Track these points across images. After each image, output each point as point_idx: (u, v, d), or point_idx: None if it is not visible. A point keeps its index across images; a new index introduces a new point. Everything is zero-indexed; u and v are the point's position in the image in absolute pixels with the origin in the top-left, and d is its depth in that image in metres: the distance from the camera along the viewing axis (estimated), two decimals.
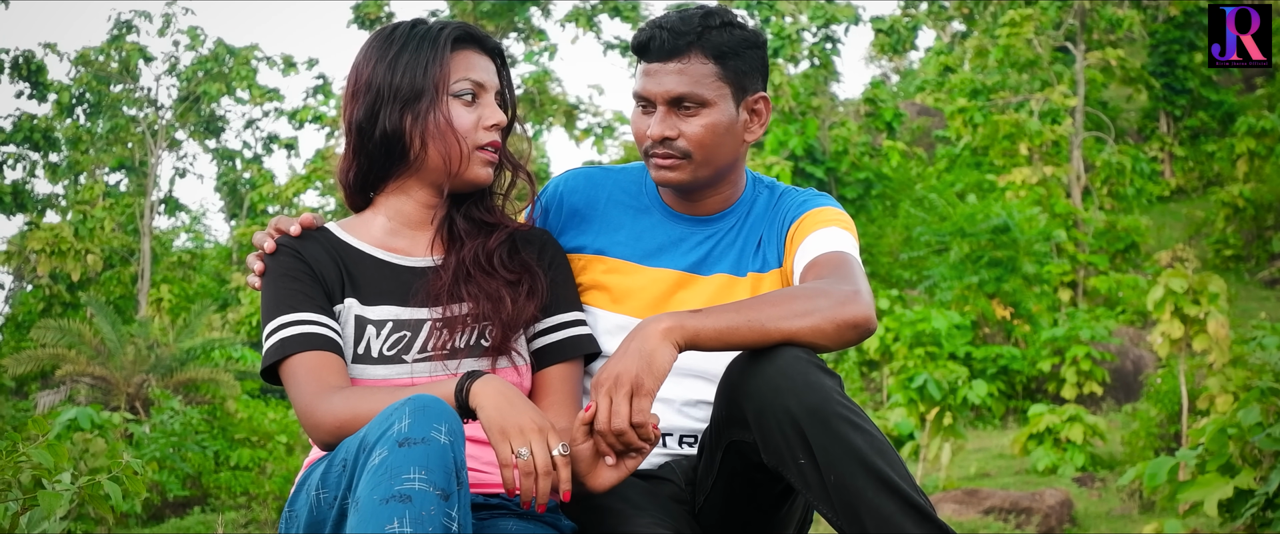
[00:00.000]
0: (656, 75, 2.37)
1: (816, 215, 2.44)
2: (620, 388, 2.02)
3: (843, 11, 28.65)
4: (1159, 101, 28.85)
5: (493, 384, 2.03)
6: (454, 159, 2.26)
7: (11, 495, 3.38)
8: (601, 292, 2.45)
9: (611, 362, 2.06)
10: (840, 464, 2.00)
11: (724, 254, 2.48)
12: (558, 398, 2.31)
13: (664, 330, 2.06)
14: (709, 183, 2.45)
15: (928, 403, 13.16)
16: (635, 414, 2.02)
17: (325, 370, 2.16)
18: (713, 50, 2.36)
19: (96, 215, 27.38)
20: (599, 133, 29.46)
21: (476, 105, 2.28)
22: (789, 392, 2.04)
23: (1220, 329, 12.37)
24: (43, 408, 16.14)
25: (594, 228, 2.51)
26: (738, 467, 2.19)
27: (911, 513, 1.99)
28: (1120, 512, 11.91)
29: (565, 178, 2.58)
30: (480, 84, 2.28)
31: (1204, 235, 25.03)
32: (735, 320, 2.09)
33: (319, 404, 2.12)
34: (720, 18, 2.38)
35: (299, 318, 2.20)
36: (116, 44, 29.35)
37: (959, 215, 20.74)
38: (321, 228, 2.34)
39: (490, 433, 2.00)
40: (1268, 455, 6.20)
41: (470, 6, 28.42)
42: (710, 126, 2.37)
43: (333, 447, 2.09)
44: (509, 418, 1.99)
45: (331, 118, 30.59)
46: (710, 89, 2.37)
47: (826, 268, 2.30)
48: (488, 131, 2.28)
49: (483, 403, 2.01)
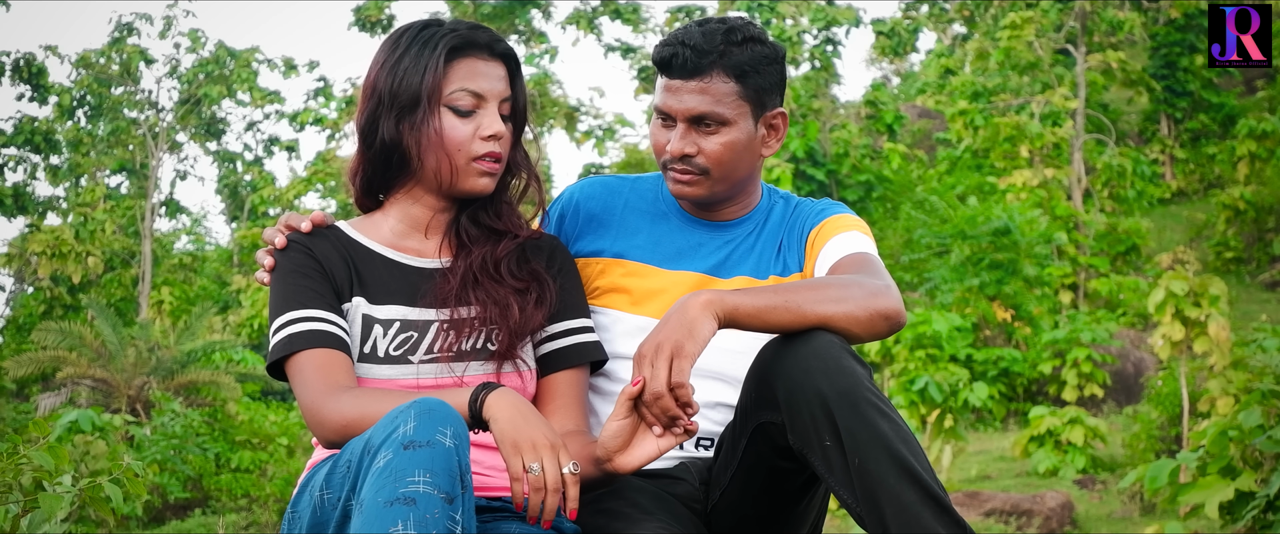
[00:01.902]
0: (678, 93, 2.38)
1: (836, 221, 2.47)
2: (661, 354, 2.03)
3: (843, 14, 28.66)
4: (1160, 104, 28.86)
5: (507, 397, 2.03)
6: (445, 173, 2.25)
7: (12, 498, 3.38)
8: (621, 294, 2.46)
9: (652, 333, 2.07)
10: (865, 449, 2.01)
11: (744, 257, 2.50)
12: (562, 403, 2.30)
13: (704, 302, 2.08)
14: (726, 196, 2.48)
15: (929, 405, 13.16)
16: (675, 374, 2.02)
17: (333, 369, 2.16)
18: (735, 69, 2.37)
19: (97, 218, 27.39)
20: (600, 135, 29.47)
21: (475, 116, 2.25)
22: (820, 374, 2.05)
23: (1221, 331, 12.38)
24: (43, 410, 16.14)
25: (612, 232, 2.52)
26: (762, 453, 2.19)
27: (931, 504, 2.00)
28: (1121, 514, 11.91)
29: (582, 185, 2.59)
30: (478, 94, 2.25)
31: (1205, 238, 25.02)
32: (773, 300, 2.11)
33: (326, 402, 2.11)
34: (742, 34, 2.38)
35: (308, 314, 2.20)
36: (117, 46, 29.36)
37: (960, 218, 20.74)
38: (332, 226, 2.33)
39: (503, 446, 2.00)
40: (1269, 458, 6.20)
41: (471, 9, 28.44)
42: (729, 144, 2.39)
43: (338, 446, 2.09)
44: (522, 432, 1.99)
45: (332, 120, 30.60)
46: (731, 108, 2.38)
47: (854, 266, 2.33)
48: (485, 142, 2.24)
49: (496, 415, 2.01)
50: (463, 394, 2.05)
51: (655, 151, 2.45)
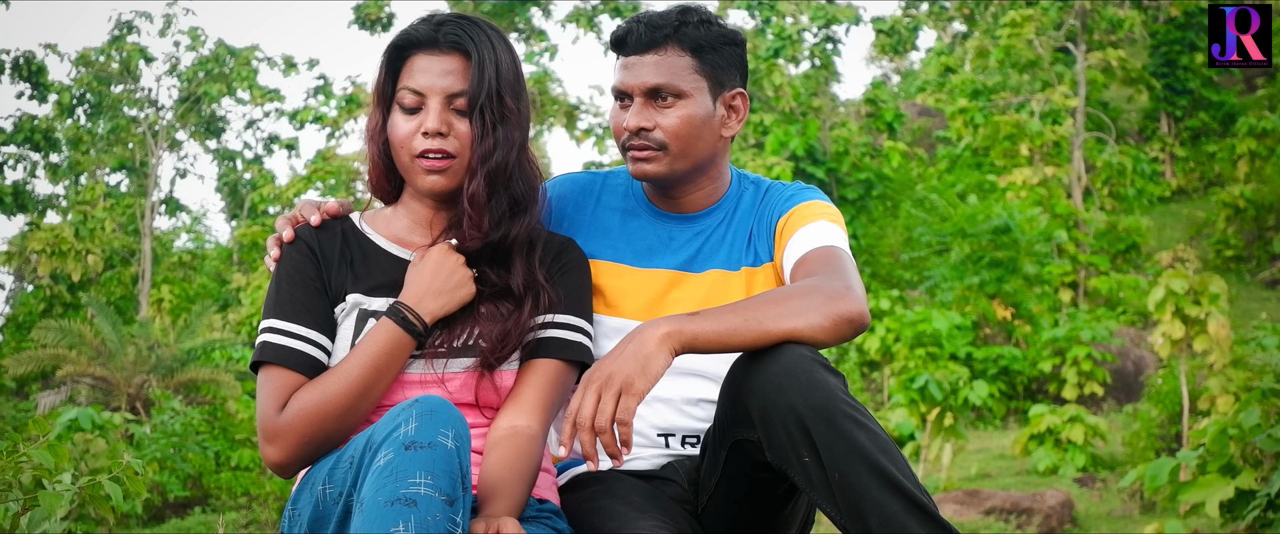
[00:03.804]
0: (633, 67, 2.39)
1: (803, 210, 2.44)
2: (610, 387, 2.01)
3: (843, 12, 28.64)
4: (1160, 102, 28.85)
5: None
6: (402, 169, 2.26)
7: (12, 496, 3.37)
8: (596, 296, 2.44)
9: (605, 360, 2.05)
10: (845, 462, 1.99)
11: (715, 250, 2.48)
12: (527, 391, 2.24)
13: (662, 336, 2.06)
14: (686, 177, 2.45)
15: (929, 403, 13.16)
16: (620, 411, 2.00)
17: (290, 392, 2.17)
18: (690, 43, 2.38)
19: (97, 216, 27.38)
20: (600, 133, 29.43)
21: (418, 113, 2.23)
22: (793, 390, 2.03)
23: (1221, 330, 12.37)
24: (43, 408, 16.15)
25: (584, 232, 2.50)
26: (742, 466, 2.18)
27: (915, 512, 1.98)
28: (1121, 512, 11.90)
29: (554, 183, 2.58)
30: (417, 91, 2.22)
31: (1205, 236, 25.02)
32: (733, 322, 2.08)
33: (274, 419, 2.14)
34: (697, 15, 2.40)
35: (287, 329, 2.21)
36: (117, 44, 29.35)
37: (960, 216, 20.74)
38: (345, 217, 2.34)
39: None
40: (1269, 456, 6.20)
41: (471, 6, 28.42)
42: (686, 118, 2.38)
43: (284, 468, 2.13)
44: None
45: (332, 118, 30.57)
46: (686, 81, 2.38)
47: (817, 264, 2.30)
48: (425, 138, 2.21)
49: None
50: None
51: (615, 135, 2.44)
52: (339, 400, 2.12)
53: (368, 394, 2.14)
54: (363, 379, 2.13)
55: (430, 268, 2.22)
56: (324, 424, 2.11)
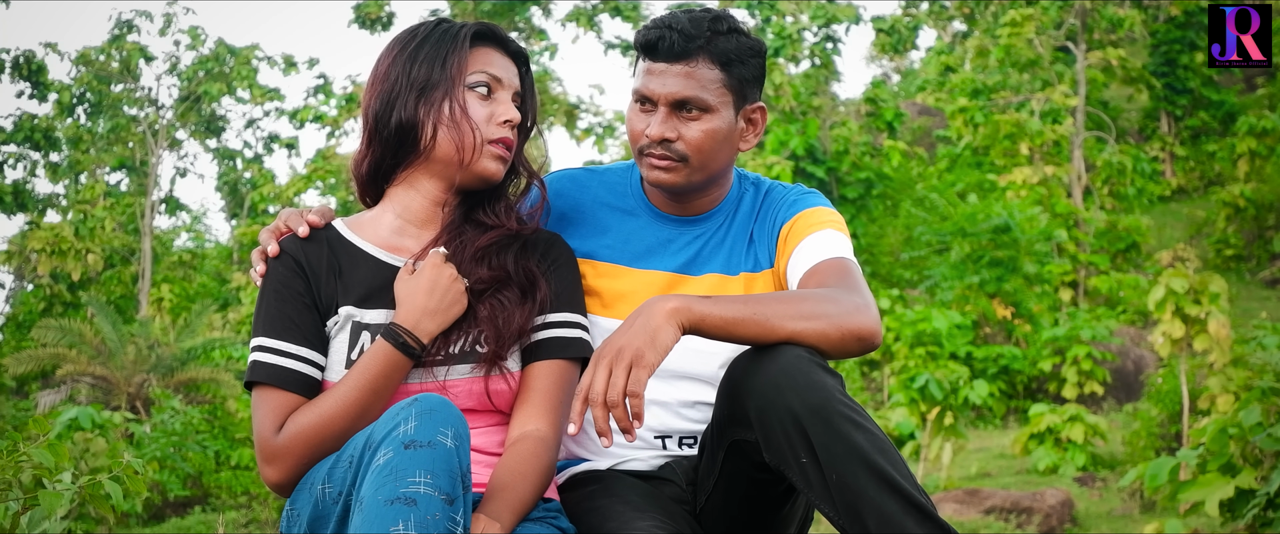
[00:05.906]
0: (662, 76, 2.35)
1: (809, 217, 2.42)
2: (620, 360, 2.00)
3: (844, 11, 28.64)
4: (1160, 101, 28.85)
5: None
6: (466, 149, 2.23)
7: (12, 495, 3.37)
8: (592, 297, 2.43)
9: (614, 335, 2.04)
10: (842, 463, 1.99)
11: (714, 254, 2.47)
12: (533, 396, 2.24)
13: (670, 310, 2.05)
14: (700, 187, 2.43)
15: (929, 403, 13.16)
16: (631, 384, 1.99)
17: (287, 412, 2.16)
18: (720, 56, 2.35)
19: (97, 215, 27.38)
20: (600, 132, 29.44)
21: (491, 100, 2.26)
22: (791, 390, 2.02)
23: (1221, 329, 12.37)
24: (43, 407, 16.16)
25: (581, 231, 2.48)
26: (740, 466, 2.18)
27: (914, 512, 1.98)
28: (1121, 512, 11.91)
29: (550, 180, 2.54)
30: (497, 79, 2.27)
31: (1205, 235, 25.02)
32: (742, 312, 2.08)
33: (272, 441, 2.14)
34: (727, 23, 2.37)
35: (279, 348, 2.19)
36: (117, 44, 29.35)
37: (960, 215, 20.74)
38: (329, 226, 2.31)
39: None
40: (1269, 455, 6.20)
41: (471, 6, 28.42)
42: (710, 132, 2.36)
43: (284, 487, 2.13)
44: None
45: (332, 117, 30.58)
46: (714, 95, 2.35)
47: (830, 276, 2.28)
48: (500, 127, 2.25)
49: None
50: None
51: (631, 138, 2.42)
52: (336, 423, 2.12)
53: (365, 415, 2.13)
54: (360, 401, 2.13)
55: (425, 287, 2.19)
56: (322, 446, 2.11)
